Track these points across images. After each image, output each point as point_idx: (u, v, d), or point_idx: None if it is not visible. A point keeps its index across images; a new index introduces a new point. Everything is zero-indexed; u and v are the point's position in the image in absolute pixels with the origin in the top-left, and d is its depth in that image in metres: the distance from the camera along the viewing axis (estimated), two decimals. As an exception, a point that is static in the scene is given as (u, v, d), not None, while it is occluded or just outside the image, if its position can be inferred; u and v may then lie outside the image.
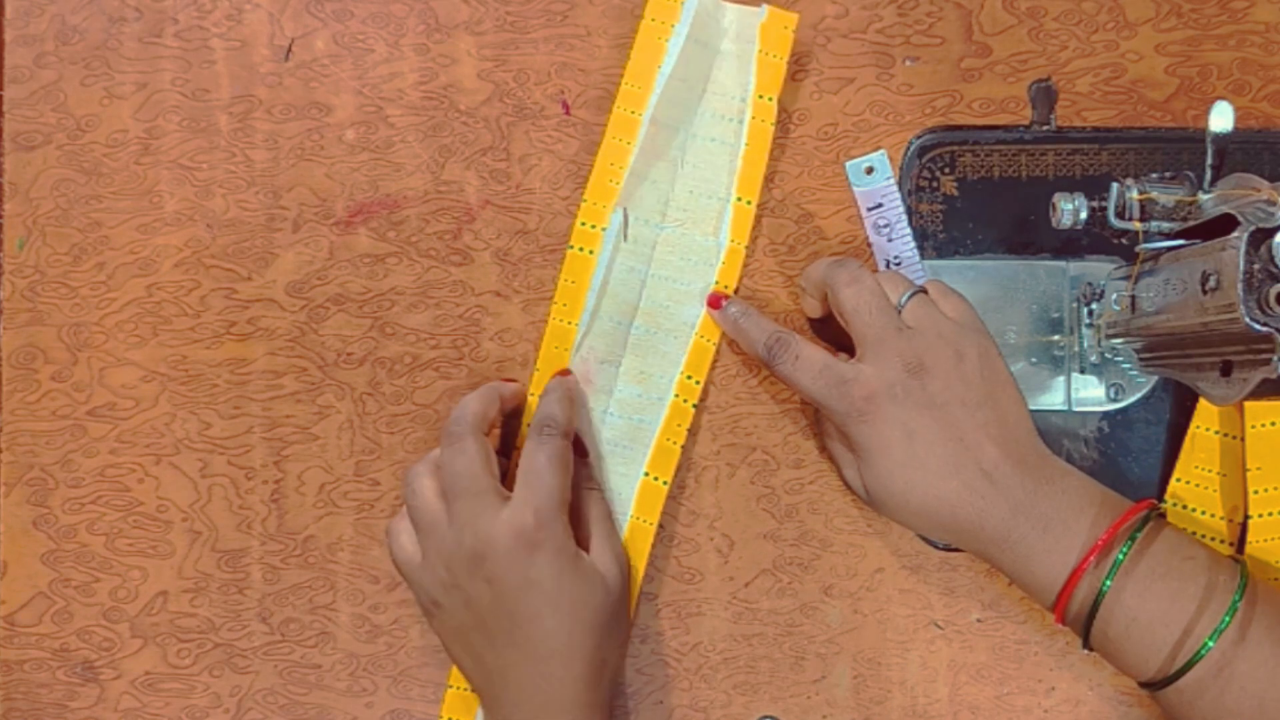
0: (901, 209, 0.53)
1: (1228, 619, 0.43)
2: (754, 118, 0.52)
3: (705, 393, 0.53)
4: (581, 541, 0.49)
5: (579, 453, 0.51)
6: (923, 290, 0.48)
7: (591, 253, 0.53)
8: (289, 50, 0.54)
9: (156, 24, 0.54)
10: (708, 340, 0.52)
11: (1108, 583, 0.44)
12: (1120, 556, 0.44)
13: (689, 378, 0.52)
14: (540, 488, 0.47)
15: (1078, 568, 0.44)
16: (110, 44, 0.54)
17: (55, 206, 0.54)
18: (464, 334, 0.54)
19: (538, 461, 0.47)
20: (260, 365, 0.54)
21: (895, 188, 0.53)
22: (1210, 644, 0.43)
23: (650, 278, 0.53)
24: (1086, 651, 0.46)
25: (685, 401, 0.52)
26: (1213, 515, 0.50)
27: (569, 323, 0.52)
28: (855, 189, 0.53)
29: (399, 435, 0.53)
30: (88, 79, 0.54)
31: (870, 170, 0.53)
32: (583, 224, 0.53)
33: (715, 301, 0.52)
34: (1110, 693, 0.52)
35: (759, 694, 0.52)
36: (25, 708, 0.53)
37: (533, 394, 0.52)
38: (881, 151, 0.53)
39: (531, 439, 0.48)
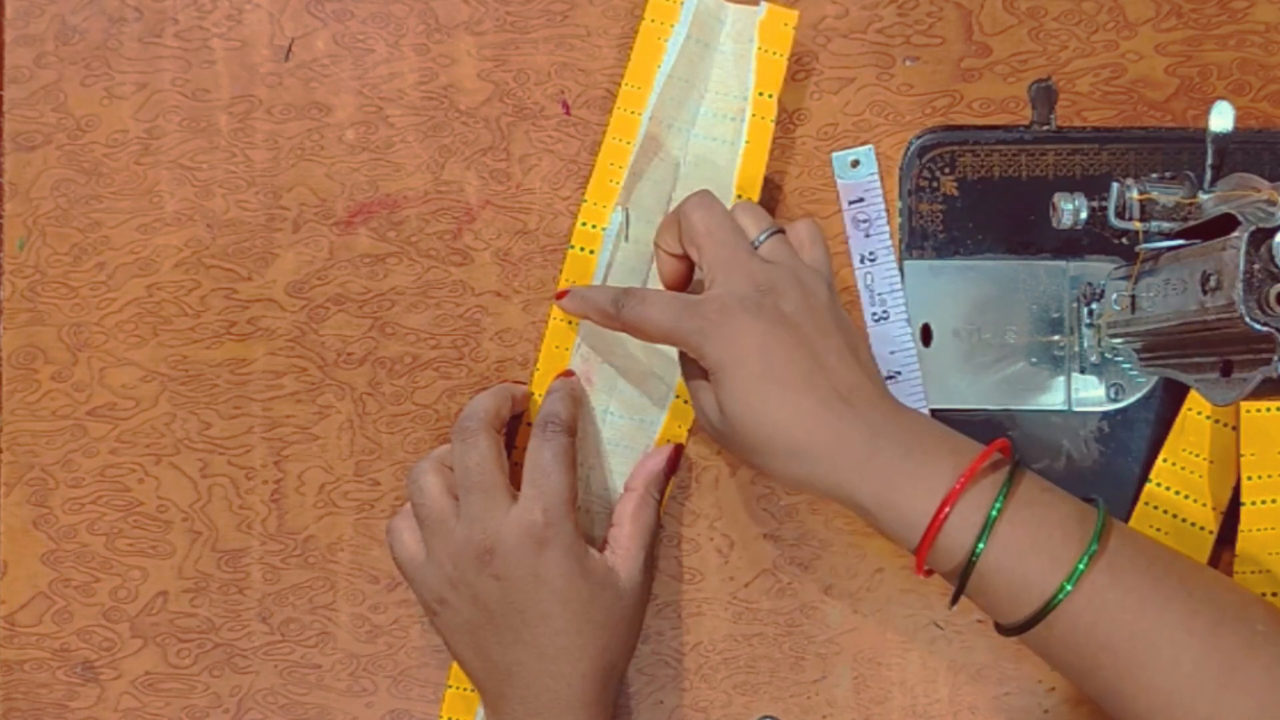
0: (882, 206, 0.53)
1: (1094, 544, 0.41)
2: (754, 115, 0.52)
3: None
4: (615, 539, 0.49)
5: (671, 469, 0.52)
6: (781, 231, 0.47)
7: (592, 253, 0.53)
8: (289, 50, 0.54)
9: (156, 24, 0.54)
10: None
11: (982, 543, 0.42)
12: (993, 512, 0.42)
13: None
14: (547, 485, 0.47)
15: (941, 506, 0.42)
16: (110, 44, 0.54)
17: (55, 206, 0.54)
18: (464, 334, 0.54)
19: (543, 459, 0.47)
20: (260, 365, 0.54)
21: (878, 184, 0.53)
22: (1081, 567, 0.41)
23: (652, 277, 0.53)
24: (952, 608, 0.44)
25: (686, 402, 0.52)
26: (1195, 500, 0.50)
27: (570, 322, 0.52)
28: (839, 181, 0.53)
29: (399, 435, 0.53)
30: (88, 79, 0.54)
31: (856, 164, 0.53)
32: (583, 224, 0.53)
33: (561, 294, 0.51)
34: (1110, 693, 0.52)
35: (759, 694, 0.52)
36: (25, 708, 0.53)
37: (534, 393, 0.52)
38: (869, 147, 0.53)
39: (536, 437, 0.48)
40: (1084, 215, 0.46)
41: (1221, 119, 0.44)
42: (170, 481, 0.54)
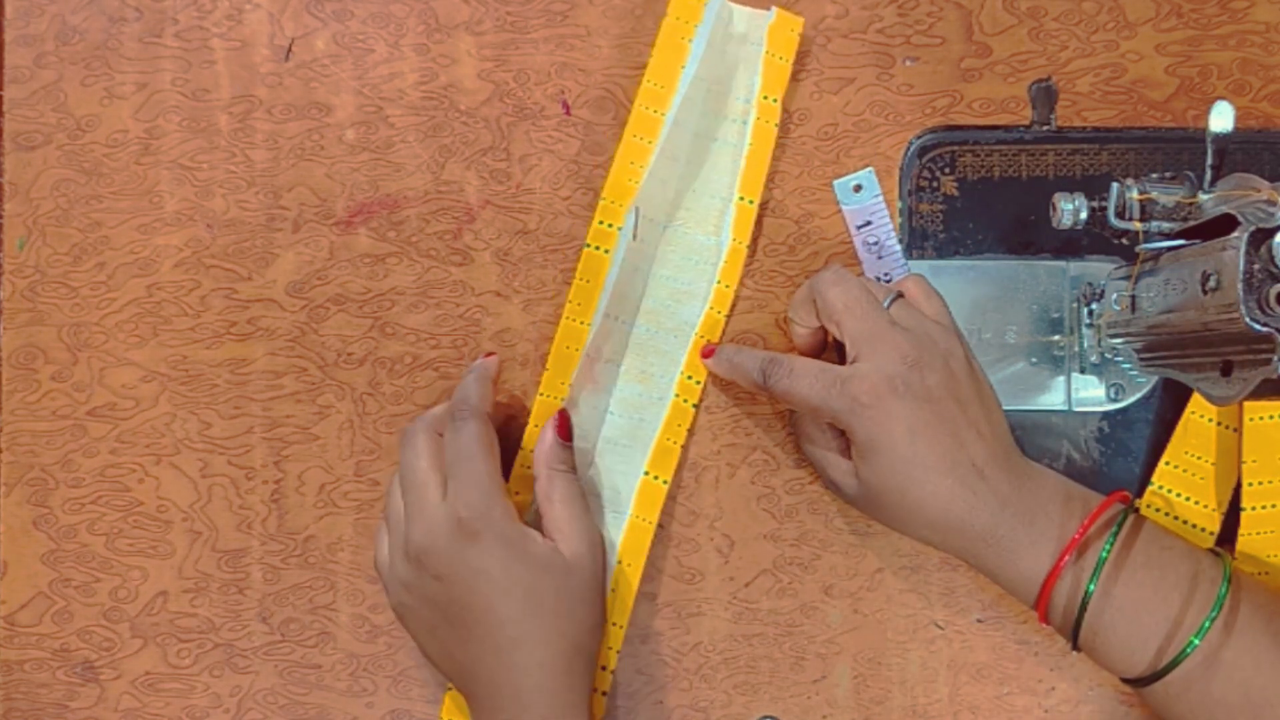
0: (889, 226, 0.53)
1: (1218, 606, 0.43)
2: (758, 118, 0.52)
3: (705, 393, 0.53)
4: (548, 523, 0.48)
5: (563, 437, 0.50)
6: (901, 295, 0.48)
7: (607, 252, 0.53)
8: (289, 50, 0.54)
9: (156, 24, 0.54)
10: (709, 340, 0.52)
11: (1092, 584, 0.44)
12: (1104, 553, 0.44)
13: (689, 378, 0.53)
14: (468, 475, 0.46)
15: (1060, 557, 0.45)
16: (110, 44, 0.54)
17: (55, 206, 0.54)
18: (464, 334, 0.54)
19: (459, 447, 0.47)
20: (260, 365, 0.54)
21: (883, 205, 0.53)
22: (1207, 624, 0.43)
23: (653, 277, 0.53)
24: (1075, 653, 0.46)
25: (685, 401, 0.52)
26: (1197, 503, 0.50)
27: (582, 322, 0.52)
28: (844, 207, 0.53)
29: (399, 435, 0.53)
30: (88, 79, 0.54)
31: (858, 188, 0.53)
32: (600, 223, 0.53)
33: (708, 351, 0.52)
34: (1110, 693, 0.52)
35: (759, 694, 0.52)
36: (25, 708, 0.53)
37: (542, 394, 0.52)
38: (869, 169, 0.53)
39: (450, 426, 0.48)
40: (1084, 215, 0.46)
41: (1221, 119, 0.44)
42: (170, 481, 0.54)
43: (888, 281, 0.52)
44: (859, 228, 0.53)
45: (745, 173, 0.52)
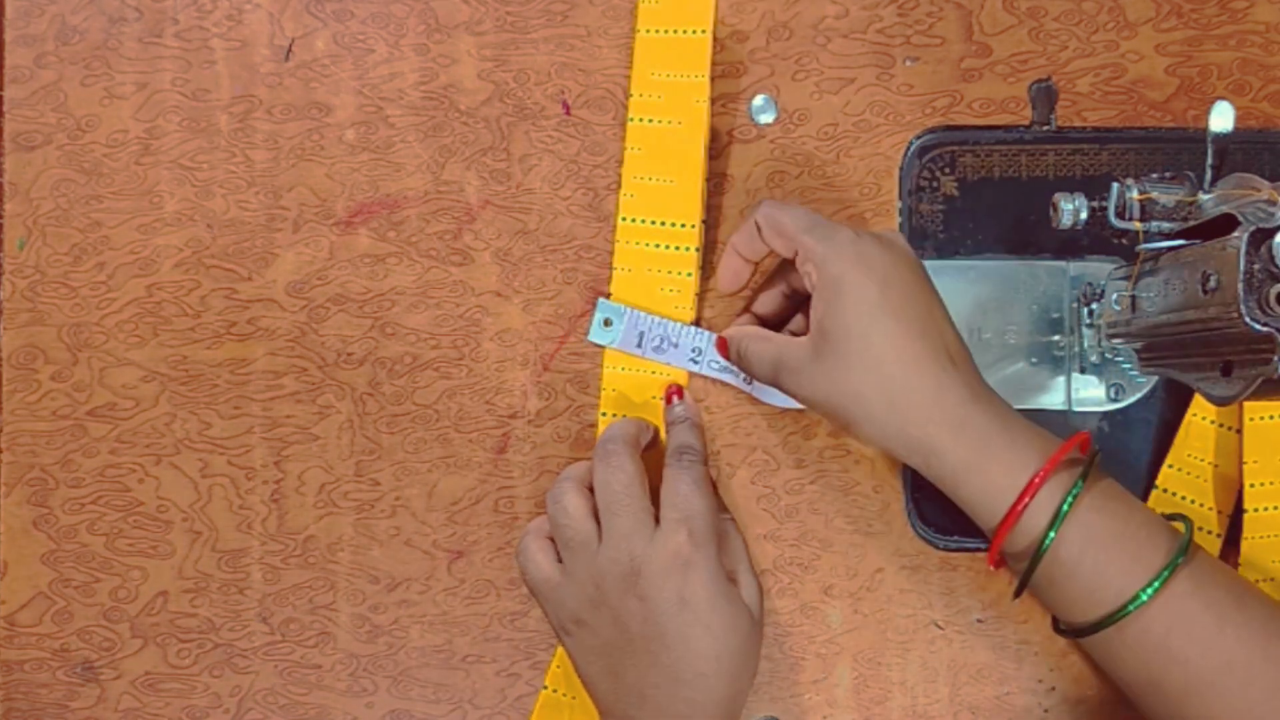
0: (665, 324, 0.52)
1: (1186, 547, 0.41)
2: (690, 96, 0.51)
3: (705, 393, 0.53)
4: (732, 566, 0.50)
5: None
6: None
7: (629, 271, 0.52)
8: (289, 50, 0.54)
9: (156, 24, 0.54)
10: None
11: (1059, 522, 0.41)
12: (1076, 488, 0.42)
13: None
14: (689, 510, 0.47)
15: (1046, 469, 0.42)
16: (110, 44, 0.54)
17: (55, 206, 0.54)
18: (464, 334, 0.54)
19: (683, 486, 0.47)
20: (260, 365, 0.54)
21: (642, 323, 0.52)
22: (1177, 562, 0.41)
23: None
24: (1016, 599, 0.44)
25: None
26: (1201, 505, 0.50)
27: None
28: (603, 346, 0.52)
29: (399, 435, 0.53)
30: (88, 79, 0.54)
31: (608, 323, 0.52)
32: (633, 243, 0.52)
33: (720, 343, 0.51)
34: (1110, 693, 0.52)
35: (759, 694, 0.52)
36: (25, 708, 0.53)
37: (606, 412, 0.52)
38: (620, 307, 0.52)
39: (672, 466, 0.48)
40: (1084, 215, 0.46)
41: (1221, 119, 0.44)
42: (170, 481, 0.54)
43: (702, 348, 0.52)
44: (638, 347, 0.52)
45: (683, 152, 0.50)
